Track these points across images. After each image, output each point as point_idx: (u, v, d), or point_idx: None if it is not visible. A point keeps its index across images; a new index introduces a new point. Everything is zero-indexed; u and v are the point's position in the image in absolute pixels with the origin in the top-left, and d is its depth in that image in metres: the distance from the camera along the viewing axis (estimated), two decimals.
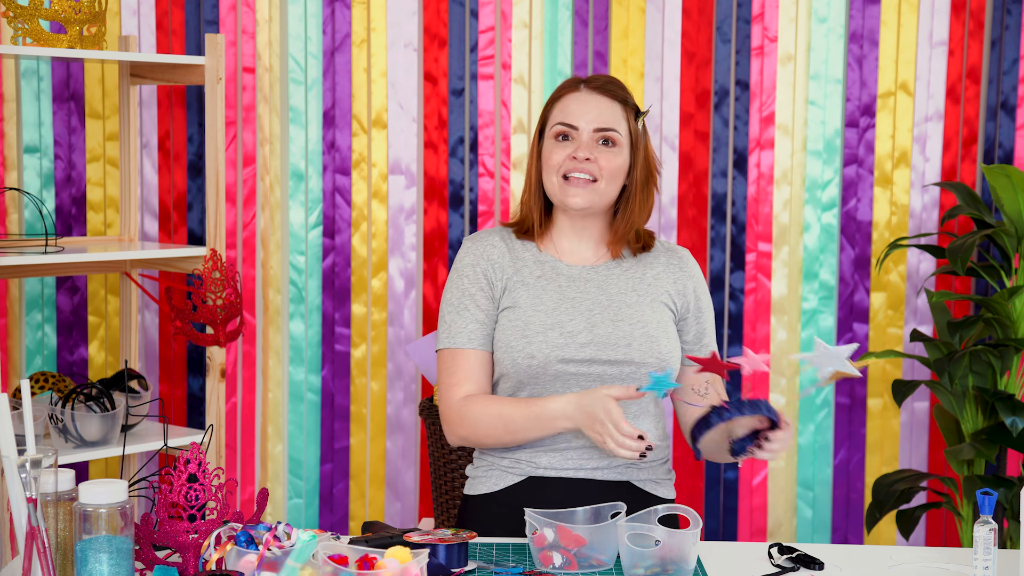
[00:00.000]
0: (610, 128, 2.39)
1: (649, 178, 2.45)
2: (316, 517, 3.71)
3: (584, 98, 2.41)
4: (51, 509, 1.90)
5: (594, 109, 2.40)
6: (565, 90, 2.44)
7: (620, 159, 2.40)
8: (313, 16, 3.61)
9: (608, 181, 2.39)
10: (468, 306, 2.42)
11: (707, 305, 2.50)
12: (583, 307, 2.40)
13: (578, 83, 2.45)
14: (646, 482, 2.43)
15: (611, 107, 2.41)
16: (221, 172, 3.25)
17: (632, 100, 2.45)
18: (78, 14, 3.07)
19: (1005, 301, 3.32)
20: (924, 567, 2.16)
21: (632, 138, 2.42)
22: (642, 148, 2.44)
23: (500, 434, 2.36)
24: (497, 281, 2.43)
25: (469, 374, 2.40)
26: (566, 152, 2.39)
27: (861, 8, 3.59)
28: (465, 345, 2.40)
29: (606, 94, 2.41)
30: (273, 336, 3.66)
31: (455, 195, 3.65)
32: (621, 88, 2.44)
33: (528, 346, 2.35)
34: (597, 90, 2.41)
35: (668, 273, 2.47)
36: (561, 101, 2.43)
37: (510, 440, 2.37)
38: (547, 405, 2.31)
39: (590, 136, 2.39)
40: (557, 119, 2.42)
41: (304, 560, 1.80)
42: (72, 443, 3.06)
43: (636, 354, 2.36)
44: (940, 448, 3.67)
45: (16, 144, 3.50)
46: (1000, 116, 3.58)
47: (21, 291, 3.52)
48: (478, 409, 2.37)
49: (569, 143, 2.40)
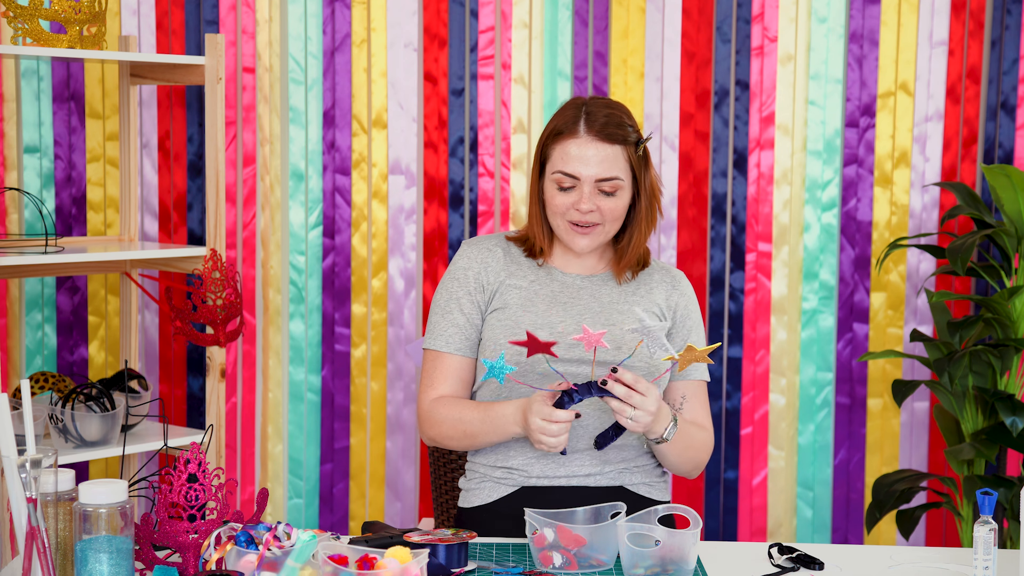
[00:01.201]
0: (612, 177, 2.36)
1: (652, 202, 2.45)
2: (316, 517, 3.71)
3: (584, 144, 2.35)
4: (51, 509, 1.90)
5: (594, 159, 2.35)
6: (565, 129, 2.38)
7: (623, 202, 2.39)
8: (313, 16, 3.61)
9: (612, 224, 2.40)
10: (452, 310, 2.45)
11: (696, 325, 2.49)
12: (574, 311, 2.41)
13: (577, 119, 2.37)
14: (639, 485, 2.43)
15: (612, 153, 2.36)
16: (221, 172, 3.25)
17: (633, 133, 2.39)
18: (78, 14, 3.07)
19: (1005, 301, 3.32)
20: (924, 567, 2.16)
21: (634, 172, 2.40)
22: (644, 178, 2.41)
23: (460, 437, 2.39)
24: (488, 284, 2.45)
25: (444, 377, 2.43)
26: (569, 201, 2.37)
27: (861, 8, 3.59)
28: (443, 348, 2.43)
29: (606, 139, 2.35)
30: (273, 336, 3.66)
31: (455, 195, 3.65)
32: (620, 126, 2.37)
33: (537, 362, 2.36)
34: (597, 135, 2.35)
35: (661, 287, 2.48)
36: (561, 145, 2.37)
37: (469, 444, 2.40)
38: (499, 410, 2.33)
39: (592, 187, 2.36)
40: (557, 166, 2.37)
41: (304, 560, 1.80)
42: (72, 443, 3.06)
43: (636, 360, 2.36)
44: (940, 448, 3.67)
45: (16, 144, 3.50)
46: (1000, 116, 3.58)
47: (21, 291, 3.52)
48: (444, 412, 2.40)
49: (571, 192, 2.37)
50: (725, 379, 3.68)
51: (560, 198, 2.38)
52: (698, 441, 2.42)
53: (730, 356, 3.67)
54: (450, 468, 2.76)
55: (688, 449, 2.39)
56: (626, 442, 2.41)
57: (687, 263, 3.65)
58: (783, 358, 3.67)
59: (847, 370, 3.67)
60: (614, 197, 2.37)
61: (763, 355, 3.67)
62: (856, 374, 3.67)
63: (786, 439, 3.68)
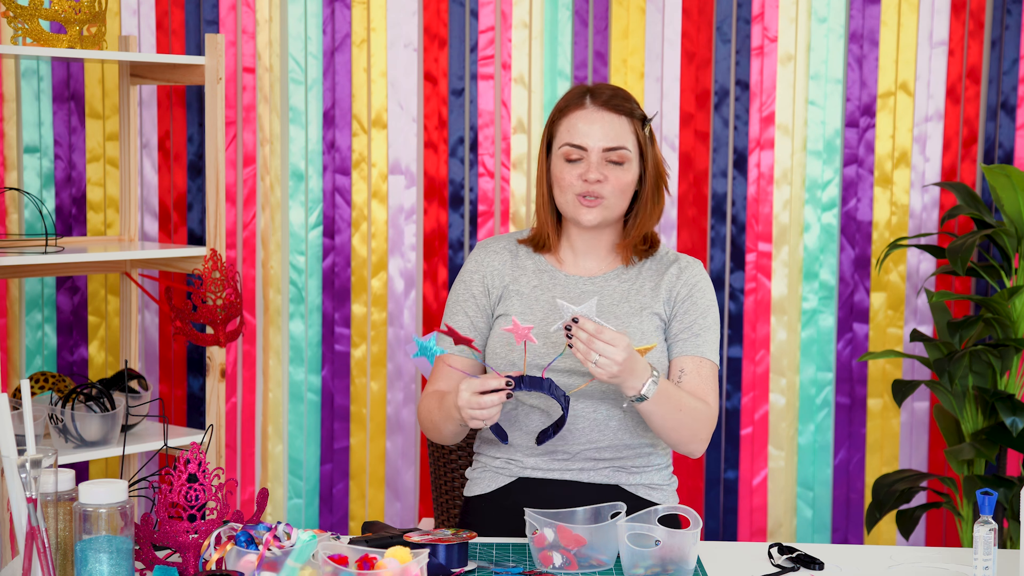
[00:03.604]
0: (619, 146, 2.37)
1: (659, 181, 2.45)
2: (316, 517, 3.71)
3: (591, 116, 2.38)
4: (51, 509, 1.90)
5: (601, 128, 2.37)
6: (571, 104, 2.41)
7: (630, 175, 2.40)
8: (313, 16, 3.61)
9: (619, 197, 2.40)
10: (456, 313, 2.50)
11: (702, 308, 2.44)
12: None
13: (583, 95, 2.40)
14: (638, 487, 2.43)
15: (618, 123, 2.38)
16: (221, 172, 3.25)
17: (639, 109, 2.42)
18: (78, 14, 3.07)
19: (1005, 301, 3.32)
20: (924, 567, 2.16)
21: (641, 148, 2.41)
22: (650, 155, 2.42)
23: (431, 428, 2.46)
24: (493, 288, 2.48)
25: (442, 377, 2.49)
26: (576, 172, 2.38)
27: (861, 8, 3.59)
28: (446, 350, 2.46)
29: (612, 109, 2.38)
30: (273, 336, 3.66)
31: (455, 195, 3.65)
32: (627, 100, 2.40)
33: (510, 354, 2.40)
34: (604, 106, 2.38)
35: (665, 281, 2.46)
36: (568, 118, 2.40)
37: (439, 435, 2.44)
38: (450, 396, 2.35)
39: (599, 156, 2.37)
40: (564, 139, 2.39)
41: (304, 560, 1.80)
42: (72, 443, 3.06)
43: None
44: (940, 448, 3.67)
45: (16, 144, 3.50)
46: (1000, 116, 3.58)
47: (21, 291, 3.52)
48: (424, 405, 2.48)
49: (579, 164, 2.38)
50: (725, 379, 3.68)
51: (568, 171, 2.39)
52: (690, 406, 2.34)
53: (730, 356, 3.67)
54: (450, 468, 2.76)
55: (677, 413, 2.31)
56: (621, 441, 2.41)
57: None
58: (783, 358, 3.67)
59: (847, 370, 3.67)
60: (621, 168, 2.38)
61: (763, 355, 3.67)
62: (856, 374, 3.67)
63: (786, 439, 3.68)
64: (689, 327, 2.43)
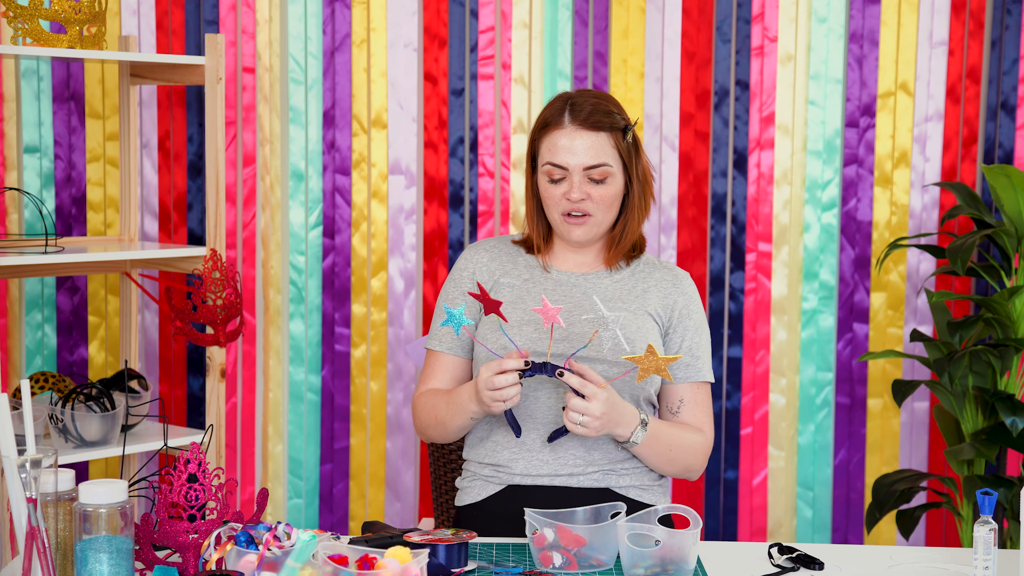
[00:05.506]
0: (599, 164, 2.38)
1: (645, 188, 2.46)
2: (316, 517, 3.71)
3: (571, 134, 2.38)
4: (51, 509, 1.90)
5: (581, 147, 2.37)
6: (551, 122, 2.40)
7: (614, 188, 2.41)
8: (313, 16, 3.61)
9: (605, 211, 2.42)
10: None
11: (698, 325, 2.48)
12: (564, 308, 2.42)
13: (563, 111, 2.40)
14: (629, 488, 2.43)
15: (598, 141, 2.38)
16: (221, 172, 3.25)
17: (619, 120, 2.41)
18: (78, 14, 3.07)
19: (1005, 301, 3.32)
20: (924, 567, 2.16)
21: (624, 159, 2.42)
22: (635, 164, 2.43)
23: (435, 424, 2.45)
24: (484, 282, 2.49)
25: (434, 374, 2.51)
26: (560, 192, 2.40)
27: (861, 8, 3.59)
28: (437, 348, 2.51)
29: (591, 127, 2.37)
30: (273, 336, 3.66)
31: (455, 195, 3.65)
32: (607, 113, 2.39)
33: (500, 338, 2.40)
34: (583, 124, 2.37)
35: (659, 288, 2.48)
36: (548, 137, 2.40)
37: (443, 431, 2.45)
38: (459, 390, 2.39)
39: (581, 175, 2.38)
40: (546, 158, 2.40)
41: (304, 560, 1.80)
42: (72, 443, 3.06)
43: (608, 353, 2.37)
44: (940, 448, 3.67)
45: (16, 144, 3.50)
46: (1000, 116, 3.58)
47: (21, 291, 3.52)
48: (423, 403, 2.48)
49: (562, 183, 2.40)
50: (725, 379, 3.68)
51: (552, 190, 2.41)
52: (683, 443, 2.41)
53: (730, 356, 3.67)
54: (450, 468, 2.76)
55: (669, 451, 2.40)
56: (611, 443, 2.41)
57: (687, 263, 3.65)
58: (783, 358, 3.67)
59: (847, 370, 3.67)
60: (604, 185, 2.40)
61: (763, 355, 3.67)
62: (856, 374, 3.67)
63: (786, 439, 3.68)
64: (689, 350, 2.47)
